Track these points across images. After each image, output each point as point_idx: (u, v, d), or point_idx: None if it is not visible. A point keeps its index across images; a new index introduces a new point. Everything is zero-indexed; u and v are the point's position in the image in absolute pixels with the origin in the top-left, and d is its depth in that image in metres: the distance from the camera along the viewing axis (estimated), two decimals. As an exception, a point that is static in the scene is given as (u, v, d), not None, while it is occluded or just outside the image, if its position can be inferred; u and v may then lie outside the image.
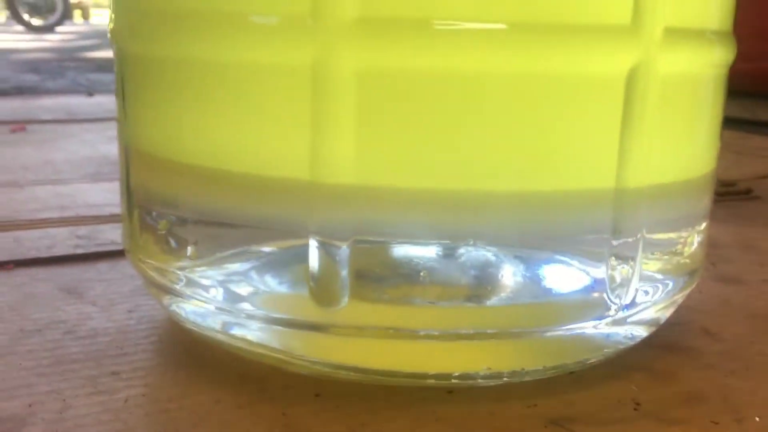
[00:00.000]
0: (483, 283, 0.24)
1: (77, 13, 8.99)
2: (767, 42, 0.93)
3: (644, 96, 0.21)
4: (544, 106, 0.20)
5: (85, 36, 4.83)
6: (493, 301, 0.23)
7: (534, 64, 0.20)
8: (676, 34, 0.21)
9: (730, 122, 1.01)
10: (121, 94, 0.25)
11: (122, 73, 0.25)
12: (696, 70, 0.23)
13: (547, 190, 0.21)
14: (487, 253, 0.24)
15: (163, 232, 0.24)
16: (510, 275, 0.23)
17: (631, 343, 0.25)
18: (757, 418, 0.22)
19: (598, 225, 0.22)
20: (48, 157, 0.59)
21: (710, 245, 0.39)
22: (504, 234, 0.22)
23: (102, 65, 1.99)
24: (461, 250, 0.24)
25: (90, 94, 1.08)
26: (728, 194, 0.53)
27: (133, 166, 0.25)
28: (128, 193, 0.26)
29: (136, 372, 0.24)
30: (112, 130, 0.74)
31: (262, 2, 0.20)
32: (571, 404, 0.22)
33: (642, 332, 0.25)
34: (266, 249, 0.24)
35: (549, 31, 0.20)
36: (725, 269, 0.35)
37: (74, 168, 0.55)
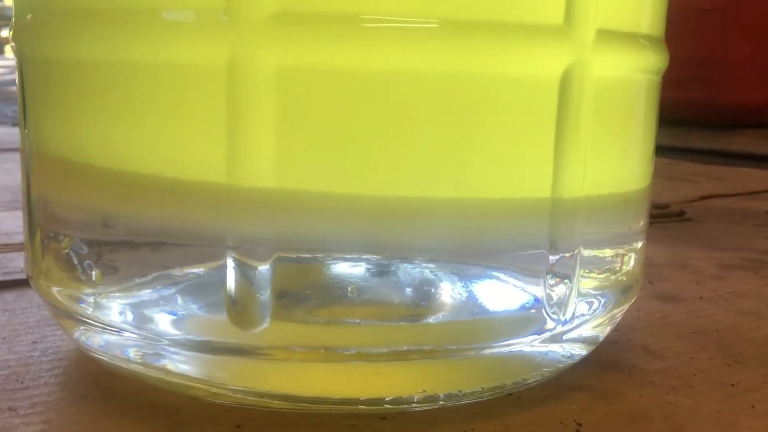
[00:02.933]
0: (417, 300, 0.22)
1: (8, 49, 8.77)
2: (694, 70, 0.95)
3: (579, 99, 0.20)
4: (476, 107, 0.19)
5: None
6: (427, 318, 0.22)
7: (465, 63, 0.19)
8: (608, 36, 0.21)
9: (661, 149, 1.03)
10: (22, 100, 0.23)
11: (24, 77, 0.23)
12: (629, 75, 0.22)
13: (482, 197, 0.20)
14: (421, 269, 0.23)
15: (67, 251, 0.22)
16: (445, 292, 0.22)
17: (571, 362, 0.24)
18: (702, 435, 0.21)
19: (535, 237, 0.21)
20: (-40, 185, 0.55)
21: (647, 265, 0.39)
22: (438, 246, 0.21)
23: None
24: (393, 266, 0.22)
25: (15, 124, 1.03)
26: (662, 216, 0.53)
27: (35, 177, 0.23)
28: (29, 210, 0.24)
29: (35, 407, 0.21)
30: (33, 159, 0.70)
31: (173, -3, 0.19)
32: (511, 427, 0.21)
33: (581, 350, 0.24)
34: (183, 271, 0.22)
35: (480, 29, 0.19)
36: (663, 287, 0.35)
37: (-12, 196, 0.52)
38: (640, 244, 0.26)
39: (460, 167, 0.19)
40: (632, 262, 0.26)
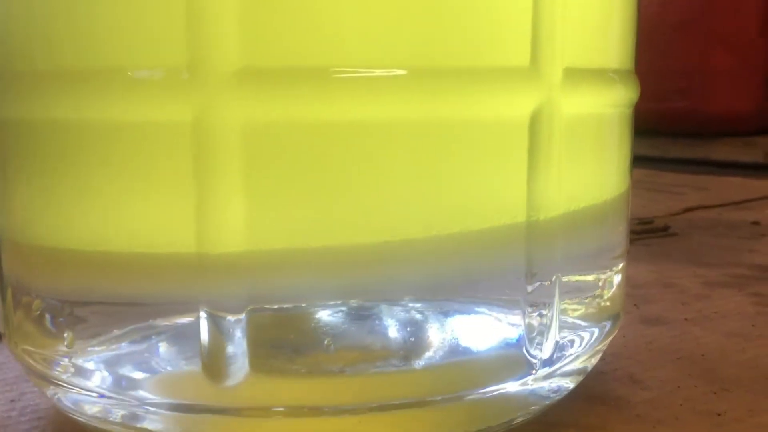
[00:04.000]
0: (398, 346, 0.22)
1: None
2: (674, 82, 0.96)
3: (549, 136, 0.20)
4: (448, 150, 0.19)
5: None
6: (409, 365, 0.21)
7: (436, 109, 0.19)
8: (576, 75, 0.21)
9: (642, 160, 1.04)
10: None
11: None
12: (599, 110, 0.22)
13: (456, 232, 0.20)
14: (400, 312, 0.22)
15: (38, 312, 0.22)
16: (426, 336, 0.22)
17: (558, 396, 0.24)
18: (691, 472, 0.21)
19: (512, 266, 0.21)
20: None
21: (632, 286, 0.39)
22: (417, 287, 0.21)
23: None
24: (372, 310, 0.22)
25: None
26: (646, 232, 0.53)
27: (5, 255, 0.22)
28: (1, 280, 0.23)
29: (12, 474, 0.21)
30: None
31: (136, 55, 0.18)
32: (496, 472, 0.21)
33: (569, 384, 0.24)
34: (155, 327, 0.22)
35: (448, 75, 0.19)
36: (648, 310, 0.35)
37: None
38: (620, 265, 0.26)
39: (434, 208, 0.19)
40: (614, 287, 0.25)
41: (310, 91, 0.18)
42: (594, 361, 0.25)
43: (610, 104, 0.23)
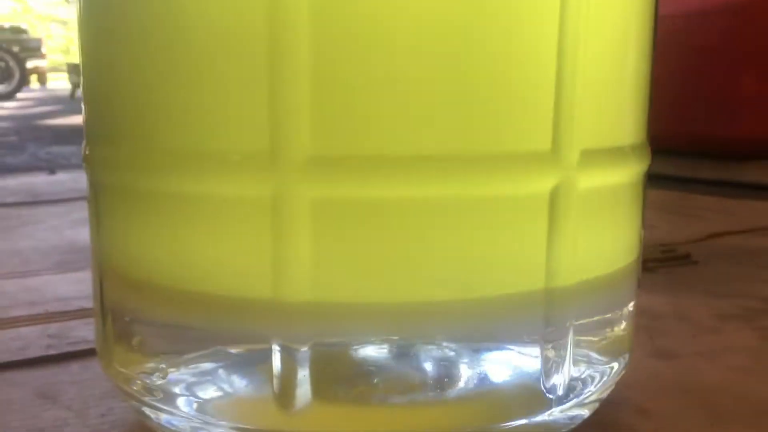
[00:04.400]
0: (432, 384, 0.26)
1: (33, 78, 8.97)
2: (703, 106, 0.98)
3: (566, 209, 0.24)
4: (480, 225, 0.23)
5: (43, 102, 4.82)
6: (443, 400, 0.25)
7: (470, 189, 0.23)
8: (592, 155, 0.24)
9: (672, 180, 1.06)
10: (95, 219, 0.27)
11: (96, 198, 0.27)
12: (614, 182, 0.26)
13: (485, 296, 0.23)
14: (434, 351, 0.26)
15: (132, 338, 0.26)
16: (459, 377, 0.26)
17: (573, 425, 0.28)
18: (683, 496, 0.24)
19: (532, 324, 0.25)
20: (15, 246, 0.60)
21: (649, 317, 0.42)
22: (448, 336, 0.24)
23: (60, 134, 2.00)
24: (413, 352, 0.26)
25: (52, 171, 1.09)
26: (668, 260, 0.56)
27: (107, 285, 0.27)
28: (101, 304, 0.28)
29: (112, 478, 0.25)
30: (76, 212, 0.75)
31: (227, 142, 0.23)
32: (516, 490, 0.24)
33: (583, 412, 0.28)
34: (233, 351, 0.26)
35: (482, 159, 0.23)
36: (661, 343, 0.38)
37: (42, 257, 0.56)
38: (630, 316, 0.29)
39: (467, 275, 0.23)
40: (623, 334, 0.29)
41: (365, 175, 0.22)
42: (605, 394, 0.29)
43: (624, 176, 0.26)
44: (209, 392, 0.26)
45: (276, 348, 0.23)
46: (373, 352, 0.26)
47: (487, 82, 0.22)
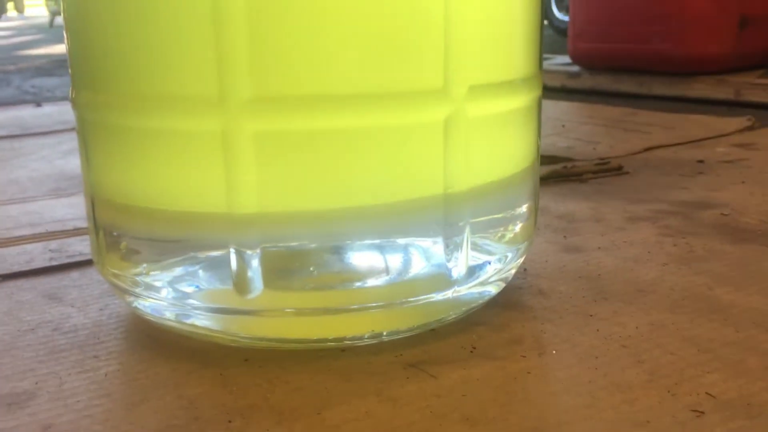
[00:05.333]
0: (358, 271, 0.32)
1: (10, 6, 8.77)
2: (656, 25, 1.03)
3: (458, 134, 0.30)
4: (388, 147, 0.29)
5: (21, 31, 4.75)
6: (370, 283, 0.32)
7: (381, 117, 0.29)
8: (480, 89, 0.30)
9: (628, 97, 1.12)
10: (84, 149, 0.33)
11: (83, 133, 0.33)
12: (502, 110, 0.32)
13: (395, 201, 0.30)
14: (362, 249, 0.33)
15: (121, 247, 0.32)
16: (379, 263, 0.32)
17: (482, 301, 0.34)
18: (554, 351, 0.31)
19: (435, 219, 0.31)
20: (12, 176, 0.66)
21: (566, 220, 0.49)
22: (369, 233, 0.31)
23: (44, 68, 2.02)
24: (341, 250, 0.32)
25: (38, 104, 1.13)
26: (601, 171, 0.62)
27: (98, 206, 0.33)
28: (94, 221, 0.34)
29: (111, 354, 0.32)
30: (65, 143, 0.81)
31: (183, 86, 0.28)
32: (427, 352, 0.31)
33: (490, 291, 0.35)
34: (201, 256, 0.33)
35: (385, 96, 0.28)
36: (572, 241, 0.45)
37: (37, 185, 0.62)
38: (525, 214, 0.36)
39: (381, 183, 0.29)
40: (518, 229, 0.35)
41: (296, 111, 0.28)
42: (510, 275, 0.36)
43: (511, 105, 0.32)
44: (184, 286, 0.32)
45: (232, 251, 0.30)
46: (309, 250, 0.32)
47: (386, 31, 0.28)
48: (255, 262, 0.30)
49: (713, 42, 1.00)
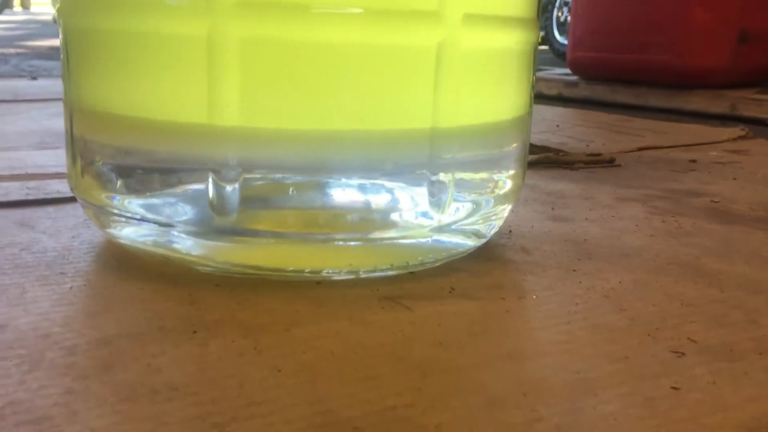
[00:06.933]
0: (342, 205, 0.31)
1: (17, 2, 8.79)
2: (656, 36, 1.04)
3: (450, 63, 0.29)
4: (377, 68, 0.28)
5: (25, 25, 4.76)
6: (350, 217, 0.31)
7: (368, 38, 0.28)
8: (474, 18, 0.30)
9: (623, 108, 1.11)
10: (66, 60, 0.32)
11: (66, 42, 0.32)
12: (496, 45, 0.31)
13: (381, 129, 0.29)
14: (345, 183, 0.32)
15: (100, 170, 0.31)
16: (360, 199, 0.31)
17: (462, 250, 0.34)
18: (534, 296, 0.30)
19: (421, 157, 0.30)
20: (-3, 129, 0.65)
21: (556, 196, 0.48)
22: (352, 165, 0.30)
23: (43, 53, 2.01)
24: (324, 182, 0.31)
25: (34, 78, 1.12)
26: (593, 162, 0.62)
27: (76, 120, 0.32)
28: (72, 142, 0.33)
29: (78, 272, 0.31)
30: (55, 108, 0.80)
31: (172, -9, 0.28)
32: (403, 289, 0.30)
33: (467, 242, 0.34)
34: (181, 175, 0.32)
35: (385, 13, 0.28)
36: (560, 212, 0.44)
37: (22, 138, 0.61)
38: (511, 169, 0.35)
39: (370, 107, 0.29)
40: (505, 177, 0.35)
41: (285, 19, 0.27)
42: (489, 226, 0.35)
43: (507, 42, 0.32)
44: (161, 208, 0.31)
45: (211, 173, 0.29)
46: (290, 183, 0.32)
47: (383, -54, 0.27)
48: (234, 185, 0.29)
49: (712, 55, 1.01)
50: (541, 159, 0.60)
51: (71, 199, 0.40)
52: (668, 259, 0.36)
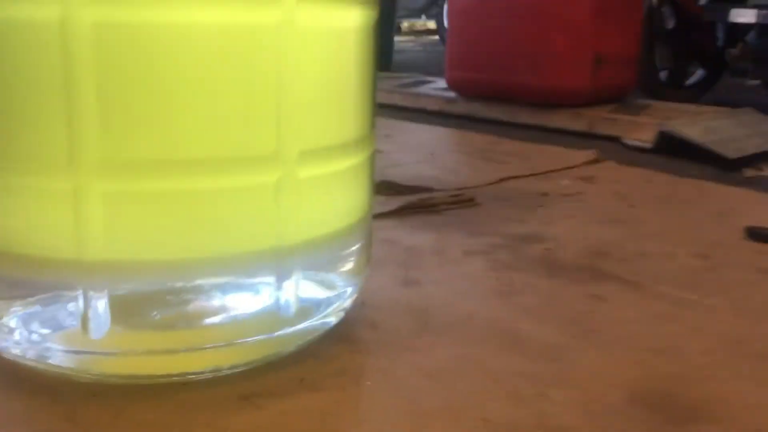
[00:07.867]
0: (198, 311, 0.36)
1: None
2: (523, 59, 1.12)
3: (289, 194, 0.34)
4: (226, 204, 0.33)
5: None
6: (211, 321, 0.36)
7: (212, 181, 0.33)
8: (311, 153, 0.35)
9: (496, 124, 1.19)
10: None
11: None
12: (331, 170, 0.37)
13: (234, 252, 0.34)
14: (200, 291, 0.36)
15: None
16: (216, 305, 0.36)
17: (315, 335, 0.39)
18: (369, 383, 0.36)
19: (268, 270, 0.35)
20: None
21: (411, 253, 0.54)
22: (206, 279, 0.35)
23: None
24: (183, 292, 0.36)
25: None
26: (454, 203, 0.68)
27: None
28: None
29: (-34, 390, 0.35)
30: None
31: (41, 148, 0.32)
32: (260, 384, 0.36)
33: (317, 328, 0.39)
34: (51, 297, 0.36)
35: (222, 159, 0.33)
36: (412, 274, 0.50)
37: None
38: (354, 259, 0.40)
39: (219, 238, 0.33)
40: (347, 269, 0.40)
41: (141, 174, 0.32)
42: (334, 317, 0.40)
43: (341, 165, 0.37)
44: (35, 326, 0.35)
45: (80, 293, 0.33)
46: (153, 292, 0.36)
47: (222, 105, 0.32)
48: (102, 304, 0.33)
49: (570, 77, 1.10)
50: (406, 206, 0.66)
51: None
52: (491, 327, 0.43)
